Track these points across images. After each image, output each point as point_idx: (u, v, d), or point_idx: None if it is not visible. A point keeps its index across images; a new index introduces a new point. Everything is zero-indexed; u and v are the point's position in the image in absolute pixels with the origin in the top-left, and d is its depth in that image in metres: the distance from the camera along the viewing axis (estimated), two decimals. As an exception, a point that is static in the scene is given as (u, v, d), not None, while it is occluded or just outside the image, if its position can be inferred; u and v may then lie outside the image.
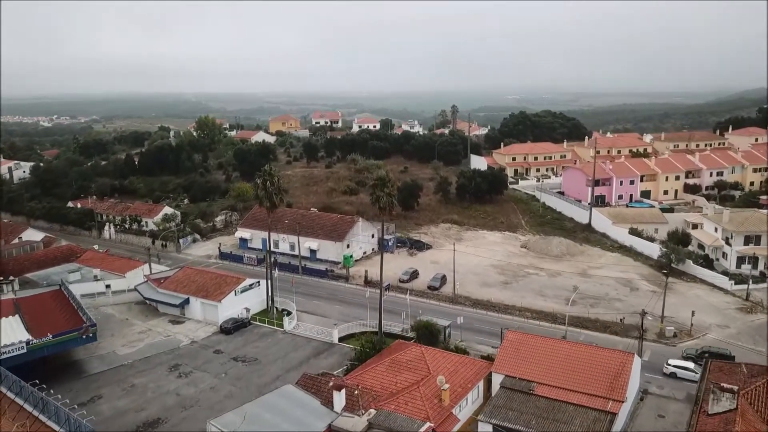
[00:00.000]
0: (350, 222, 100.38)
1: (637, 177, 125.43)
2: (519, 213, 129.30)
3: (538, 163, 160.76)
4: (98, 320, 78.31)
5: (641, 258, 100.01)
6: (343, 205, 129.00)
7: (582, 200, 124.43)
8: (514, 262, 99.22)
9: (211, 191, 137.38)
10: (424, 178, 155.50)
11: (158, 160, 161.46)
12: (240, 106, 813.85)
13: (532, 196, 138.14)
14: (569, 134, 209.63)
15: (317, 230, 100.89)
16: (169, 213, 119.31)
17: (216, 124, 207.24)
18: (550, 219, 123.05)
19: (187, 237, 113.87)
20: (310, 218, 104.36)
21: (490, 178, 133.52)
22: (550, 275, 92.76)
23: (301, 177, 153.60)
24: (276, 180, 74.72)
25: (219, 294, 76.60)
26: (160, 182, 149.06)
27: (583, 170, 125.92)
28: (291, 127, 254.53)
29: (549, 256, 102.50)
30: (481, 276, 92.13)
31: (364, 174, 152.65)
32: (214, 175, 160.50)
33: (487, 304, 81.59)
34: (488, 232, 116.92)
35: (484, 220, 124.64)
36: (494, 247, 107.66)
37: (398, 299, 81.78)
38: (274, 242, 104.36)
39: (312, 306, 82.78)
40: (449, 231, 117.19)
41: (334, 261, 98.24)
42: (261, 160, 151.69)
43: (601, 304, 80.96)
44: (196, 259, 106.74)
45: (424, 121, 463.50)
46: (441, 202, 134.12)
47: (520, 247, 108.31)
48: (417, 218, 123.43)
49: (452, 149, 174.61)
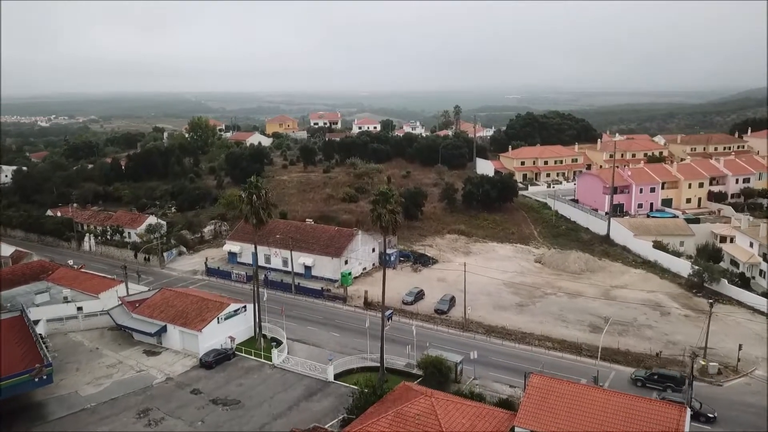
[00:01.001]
0: (349, 235, 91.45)
1: (658, 184, 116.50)
2: (530, 222, 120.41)
3: (549, 168, 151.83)
4: (64, 350, 70.11)
5: (668, 275, 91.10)
6: (341, 214, 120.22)
7: (599, 209, 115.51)
8: (529, 279, 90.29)
9: (200, 198, 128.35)
10: (427, 183, 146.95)
11: (146, 165, 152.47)
12: (239, 105, 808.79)
13: (543, 203, 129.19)
14: (578, 136, 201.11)
15: (312, 244, 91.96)
16: (154, 223, 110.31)
17: (209, 125, 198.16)
18: (565, 230, 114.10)
19: (172, 250, 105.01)
20: (304, 231, 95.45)
21: (499, 185, 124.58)
22: (570, 296, 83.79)
23: (298, 183, 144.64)
24: (264, 193, 65.72)
25: (200, 322, 67.68)
26: (147, 188, 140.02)
27: (600, 176, 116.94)
28: (288, 129, 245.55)
29: (566, 273, 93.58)
30: (494, 297, 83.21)
31: (364, 179, 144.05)
32: (206, 181, 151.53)
33: (502, 331, 72.62)
34: (499, 245, 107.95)
35: (493, 230, 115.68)
36: (506, 262, 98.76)
37: (402, 325, 73.07)
38: (266, 257, 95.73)
39: (305, 333, 73.84)
40: (456, 243, 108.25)
41: (331, 279, 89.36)
42: (254, 165, 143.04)
43: (630, 332, 72.04)
44: (180, 275, 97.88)
45: (425, 121, 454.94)
46: (446, 210, 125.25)
47: (535, 261, 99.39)
48: (421, 228, 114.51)
49: (457, 152, 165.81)
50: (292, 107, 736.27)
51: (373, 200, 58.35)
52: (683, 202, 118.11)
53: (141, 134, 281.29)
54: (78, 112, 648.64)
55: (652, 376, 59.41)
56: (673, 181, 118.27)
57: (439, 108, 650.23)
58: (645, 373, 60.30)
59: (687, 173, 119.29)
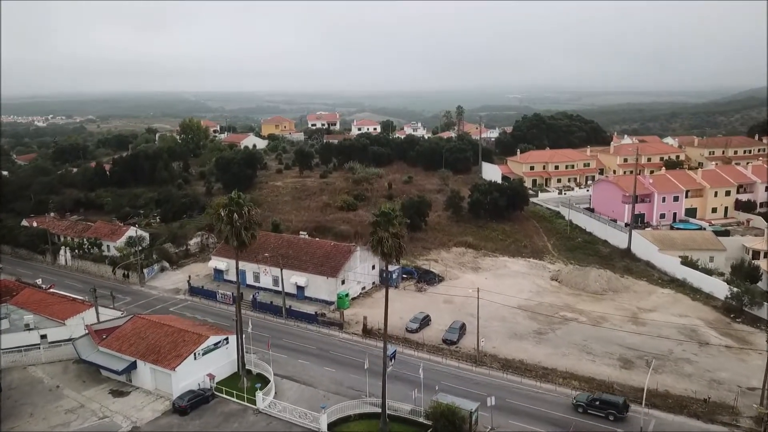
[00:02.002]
0: (346, 252, 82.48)
1: (682, 193, 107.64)
2: (543, 234, 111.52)
3: (559, 173, 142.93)
4: (20, 388, 61.30)
5: (700, 296, 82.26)
6: (339, 224, 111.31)
7: (617, 220, 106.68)
8: (546, 301, 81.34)
9: (187, 207, 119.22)
10: (431, 189, 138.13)
11: (132, 170, 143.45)
12: (239, 105, 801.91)
13: (555, 212, 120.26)
14: (587, 138, 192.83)
15: (306, 262, 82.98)
16: (135, 235, 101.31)
17: (201, 127, 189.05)
18: (581, 243, 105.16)
19: (153, 266, 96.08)
20: (297, 246, 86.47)
21: (509, 192, 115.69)
22: (593, 321, 74.87)
23: (292, 189, 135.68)
24: (246, 211, 56.73)
25: (174, 358, 58.75)
26: (131, 195, 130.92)
27: (619, 184, 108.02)
28: (285, 130, 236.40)
29: (586, 293, 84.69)
30: (509, 323, 74.27)
31: (363, 185, 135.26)
32: (195, 187, 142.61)
33: (521, 366, 63.71)
34: (510, 259, 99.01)
35: (503, 242, 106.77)
36: (519, 279, 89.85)
37: (407, 358, 64.34)
38: (254, 275, 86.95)
39: (296, 367, 64.95)
40: (463, 257, 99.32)
41: (326, 300, 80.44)
42: (246, 171, 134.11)
43: (667, 368, 63.12)
44: (161, 294, 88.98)
45: (426, 121, 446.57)
46: (452, 219, 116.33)
47: (551, 279, 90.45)
48: (425, 240, 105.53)
49: (461, 156, 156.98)
50: (292, 107, 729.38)
51: (374, 222, 49.37)
52: (708, 211, 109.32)
53: (134, 135, 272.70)
54: (76, 112, 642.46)
55: (593, 401, 54.99)
56: (698, 189, 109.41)
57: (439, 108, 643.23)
58: (587, 397, 55.75)
59: (712, 180, 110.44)
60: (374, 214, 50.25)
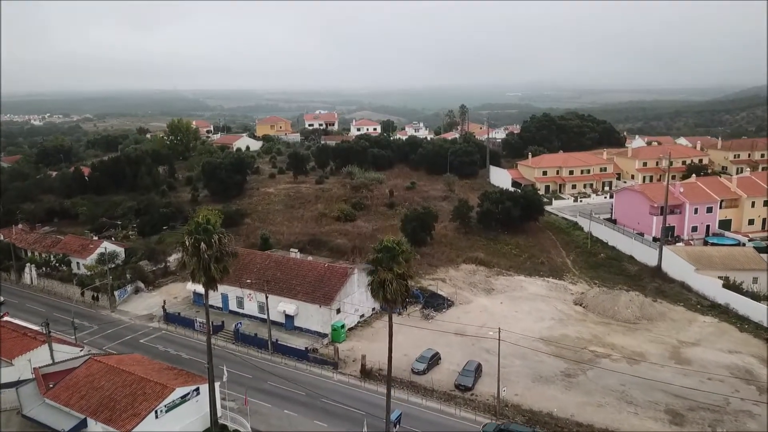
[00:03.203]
0: (342, 275, 71.89)
1: (716, 203, 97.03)
2: (560, 248, 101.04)
3: (574, 178, 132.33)
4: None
5: (749, 326, 71.77)
6: (335, 237, 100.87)
7: (644, 233, 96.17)
8: (572, 332, 70.86)
9: (169, 217, 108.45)
10: (435, 196, 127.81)
11: (113, 175, 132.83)
12: (238, 103, 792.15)
13: (573, 222, 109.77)
14: (600, 139, 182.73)
15: (296, 287, 72.43)
16: (108, 251, 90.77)
17: (190, 127, 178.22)
18: (605, 259, 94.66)
19: (126, 287, 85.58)
20: (286, 268, 75.86)
21: (523, 201, 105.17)
22: (629, 359, 64.33)
23: (285, 196, 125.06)
24: (216, 240, 46.16)
25: (130, 418, 48.22)
26: (110, 203, 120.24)
27: (645, 193, 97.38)
28: (281, 131, 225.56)
29: (616, 322, 74.17)
30: (531, 361, 63.72)
31: (362, 192, 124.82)
32: (181, 194, 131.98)
33: (550, 420, 53.20)
34: (527, 279, 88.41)
35: (517, 258, 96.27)
36: (538, 303, 79.32)
37: (414, 409, 53.97)
38: (238, 300, 76.46)
39: (281, 420, 54.50)
40: (474, 276, 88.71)
41: (319, 332, 69.89)
42: (234, 177, 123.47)
43: (726, 423, 52.61)
44: (132, 321, 78.57)
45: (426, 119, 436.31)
46: (459, 231, 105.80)
47: (574, 304, 79.90)
48: (431, 256, 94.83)
49: (467, 159, 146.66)
50: (291, 105, 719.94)
51: (374, 259, 38.85)
52: (745, 223, 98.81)
53: (124, 136, 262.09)
54: (74, 110, 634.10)
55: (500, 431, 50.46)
56: (733, 198, 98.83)
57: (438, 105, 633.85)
58: (494, 427, 51.01)
59: (749, 188, 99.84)
60: (375, 248, 39.68)
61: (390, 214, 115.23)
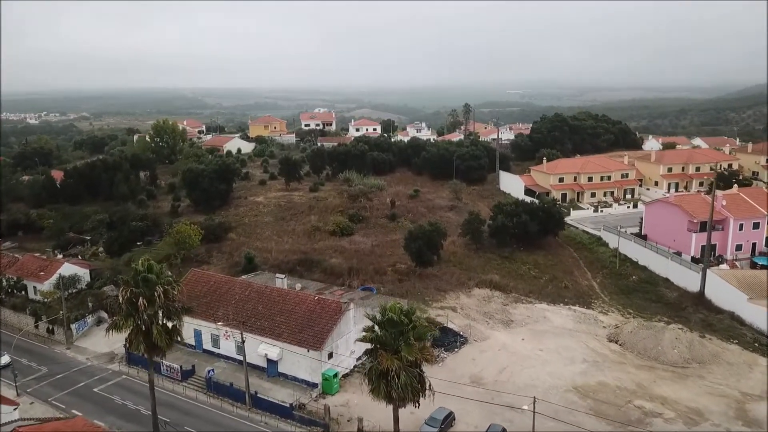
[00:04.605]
0: (335, 312, 60.09)
1: (764, 218, 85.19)
2: (584, 267, 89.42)
3: (593, 185, 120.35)
4: None
5: (822, 372, 60.12)
6: (329, 255, 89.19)
7: (682, 251, 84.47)
8: (611, 379, 59.12)
9: (143, 231, 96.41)
10: (441, 206, 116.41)
11: (87, 182, 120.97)
12: (237, 101, 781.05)
13: (596, 237, 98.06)
14: (616, 141, 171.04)
15: (280, 325, 60.71)
16: (68, 275, 79.09)
17: (177, 129, 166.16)
18: (637, 282, 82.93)
19: (86, 318, 73.83)
20: (269, 300, 64.04)
21: (541, 214, 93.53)
22: (685, 419, 52.66)
23: (276, 207, 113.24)
24: (160, 294, 34.46)
25: None
26: (80, 215, 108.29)
27: (683, 206, 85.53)
28: (275, 131, 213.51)
29: (661, 364, 62.48)
30: (566, 422, 51.81)
31: (361, 202, 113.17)
32: (162, 203, 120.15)
33: None
34: (550, 307, 76.61)
35: (537, 281, 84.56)
36: (566, 340, 67.59)
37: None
38: (213, 338, 64.75)
39: None
40: (489, 304, 76.91)
41: (307, 381, 58.15)
42: (219, 185, 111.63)
43: None
44: (89, 362, 66.78)
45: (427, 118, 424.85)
46: (470, 247, 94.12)
47: (608, 340, 68.16)
48: (439, 279, 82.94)
49: (475, 164, 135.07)
50: (291, 103, 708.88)
51: (371, 335, 26.98)
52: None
53: (112, 136, 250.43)
54: (71, 109, 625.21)
55: None
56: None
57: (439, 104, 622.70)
58: None
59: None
60: (373, 318, 27.81)
61: (391, 227, 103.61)
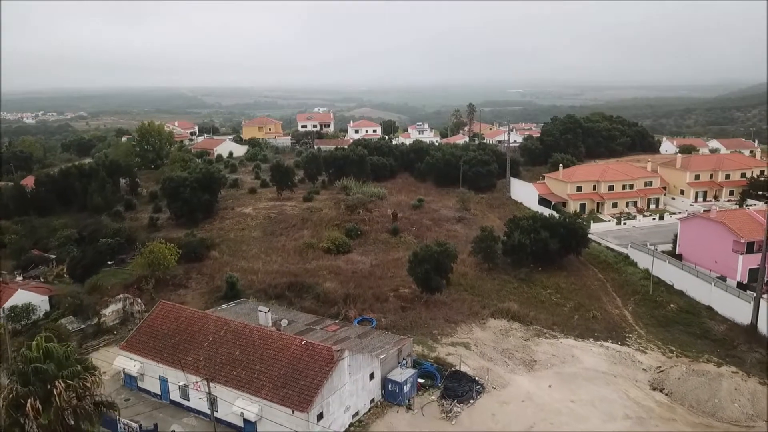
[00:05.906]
0: (326, 362, 49.41)
1: (819, 237, 74.51)
2: (612, 292, 78.76)
3: (614, 195, 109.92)
4: None
5: None
6: (323, 277, 78.59)
7: (726, 275, 73.95)
8: (662, 444, 48.65)
9: (114, 249, 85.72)
10: (448, 218, 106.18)
11: (60, 191, 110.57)
12: (236, 100, 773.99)
13: (623, 255, 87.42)
14: (633, 144, 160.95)
15: (260, 376, 50.14)
16: (22, 304, 68.64)
17: (163, 132, 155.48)
18: (676, 311, 72.25)
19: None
20: (248, 343, 53.37)
21: (562, 231, 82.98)
22: (763, 503, 42.21)
23: (265, 219, 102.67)
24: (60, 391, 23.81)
25: None
26: (49, 229, 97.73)
27: (727, 224, 74.90)
28: (270, 133, 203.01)
29: (718, 421, 51.94)
30: None
31: (360, 213, 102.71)
32: (141, 213, 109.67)
33: None
34: (577, 343, 65.95)
35: (560, 309, 73.96)
36: (601, 387, 56.89)
37: None
38: (181, 389, 54.17)
39: None
40: (507, 339, 66.26)
41: (293, 449, 47.60)
42: (202, 195, 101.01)
43: None
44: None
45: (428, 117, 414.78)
46: (482, 267, 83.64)
47: (652, 388, 57.54)
48: (448, 307, 72.20)
49: (484, 170, 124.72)
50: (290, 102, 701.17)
51: None
52: None
53: (101, 137, 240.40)
54: (69, 108, 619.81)
55: None
56: (839, 230, 76.29)
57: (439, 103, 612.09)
58: None
59: None
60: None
61: (393, 243, 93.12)
